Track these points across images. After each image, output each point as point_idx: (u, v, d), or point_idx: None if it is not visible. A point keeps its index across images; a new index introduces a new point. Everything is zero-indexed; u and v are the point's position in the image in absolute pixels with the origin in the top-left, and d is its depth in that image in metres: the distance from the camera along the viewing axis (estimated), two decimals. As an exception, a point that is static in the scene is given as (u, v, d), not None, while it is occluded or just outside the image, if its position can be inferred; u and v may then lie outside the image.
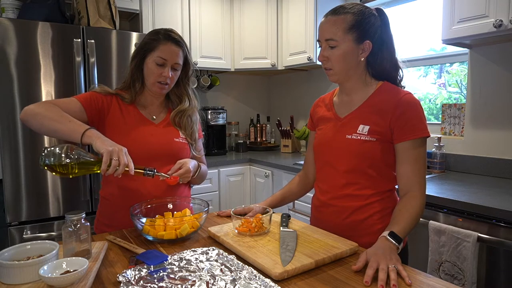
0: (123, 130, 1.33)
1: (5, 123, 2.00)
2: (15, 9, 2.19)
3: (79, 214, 0.96)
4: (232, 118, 3.60)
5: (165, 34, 1.34)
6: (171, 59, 1.33)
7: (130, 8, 2.70)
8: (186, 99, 1.45)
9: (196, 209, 1.30)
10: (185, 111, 1.44)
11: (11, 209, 2.02)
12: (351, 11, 1.13)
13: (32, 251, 0.92)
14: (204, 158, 1.58)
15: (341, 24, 1.12)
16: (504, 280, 1.43)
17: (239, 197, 3.00)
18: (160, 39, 1.33)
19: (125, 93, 1.39)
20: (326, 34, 1.14)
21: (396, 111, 1.11)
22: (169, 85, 1.37)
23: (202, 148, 1.57)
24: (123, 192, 1.32)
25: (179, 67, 1.37)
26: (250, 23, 3.17)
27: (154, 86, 1.35)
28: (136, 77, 1.37)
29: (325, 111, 1.30)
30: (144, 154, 1.32)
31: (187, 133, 1.44)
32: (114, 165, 1.05)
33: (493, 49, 2.02)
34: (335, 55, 1.14)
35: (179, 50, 1.35)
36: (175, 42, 1.34)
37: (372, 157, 1.13)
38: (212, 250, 0.98)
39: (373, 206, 1.16)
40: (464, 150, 2.18)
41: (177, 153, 1.39)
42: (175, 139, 1.41)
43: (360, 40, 1.13)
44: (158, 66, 1.32)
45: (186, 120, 1.45)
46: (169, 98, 1.48)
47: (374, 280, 0.84)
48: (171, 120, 1.43)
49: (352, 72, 1.17)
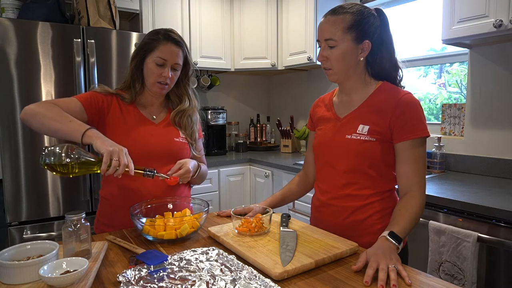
0: (123, 130, 1.33)
1: (5, 123, 2.00)
2: (15, 9, 2.19)
3: (79, 214, 0.96)
4: (232, 118, 3.60)
5: (165, 34, 1.34)
6: (171, 59, 1.33)
7: (130, 8, 2.70)
8: (186, 99, 1.45)
9: (196, 209, 1.30)
10: (185, 111, 1.44)
11: (11, 209, 2.02)
12: (350, 11, 1.13)
13: (32, 251, 0.92)
14: (204, 158, 1.58)
15: (340, 24, 1.12)
16: (504, 280, 1.43)
17: (239, 197, 3.00)
18: (160, 39, 1.32)
19: (125, 93, 1.39)
20: (326, 34, 1.14)
21: (396, 111, 1.11)
22: (169, 85, 1.37)
23: (202, 148, 1.58)
24: (123, 192, 1.32)
25: (179, 67, 1.37)
26: (250, 23, 3.17)
27: (154, 86, 1.35)
28: (136, 77, 1.38)
29: (324, 111, 1.30)
30: (144, 153, 1.32)
31: (187, 133, 1.44)
32: (114, 165, 1.05)
33: (493, 49, 2.02)
34: (334, 54, 1.14)
35: (179, 50, 1.35)
36: (175, 42, 1.34)
37: (372, 157, 1.13)
38: (212, 250, 0.98)
39: (373, 206, 1.16)
40: (464, 150, 2.18)
41: (177, 153, 1.39)
42: (175, 139, 1.41)
43: (359, 40, 1.13)
44: (158, 66, 1.32)
45: (186, 120, 1.45)
46: (169, 98, 1.48)
47: (374, 280, 0.84)
48: (171, 120, 1.43)
49: (351, 72, 1.17)
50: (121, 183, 1.31)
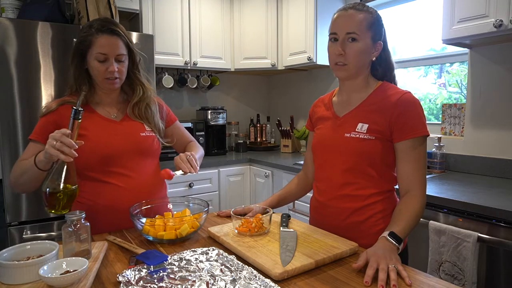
0: (84, 136, 1.22)
1: (5, 123, 1.99)
2: (15, 9, 2.19)
3: (79, 214, 0.97)
4: (232, 118, 3.60)
5: (98, 26, 1.24)
6: (112, 52, 1.24)
7: (130, 8, 2.70)
8: (139, 89, 1.37)
9: (196, 209, 1.30)
10: (140, 101, 1.37)
11: (11, 209, 2.02)
12: (369, 10, 1.15)
13: (32, 251, 0.92)
14: (190, 136, 1.59)
15: (364, 20, 1.13)
16: (504, 280, 1.43)
17: (239, 197, 3.00)
18: (94, 33, 1.23)
19: (73, 98, 1.29)
20: (349, 27, 1.12)
21: (395, 110, 1.11)
22: (119, 78, 1.29)
23: (182, 126, 1.57)
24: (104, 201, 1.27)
25: (124, 57, 1.29)
26: (250, 23, 3.17)
27: (104, 83, 1.28)
28: (81, 79, 1.30)
29: (324, 111, 1.30)
30: (111, 155, 1.27)
31: (152, 124, 1.39)
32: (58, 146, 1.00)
33: (493, 49, 2.02)
34: (354, 49, 1.12)
35: (117, 40, 1.25)
36: (110, 32, 1.24)
37: (371, 155, 1.13)
38: (212, 250, 0.98)
39: (372, 207, 1.16)
40: (464, 150, 2.18)
41: (145, 148, 1.35)
42: (141, 133, 1.35)
43: (375, 39, 1.15)
44: (100, 62, 1.24)
45: (145, 111, 1.38)
46: (124, 92, 1.41)
47: (374, 280, 0.84)
48: (129, 115, 1.36)
49: (361, 70, 1.18)
50: (99, 191, 1.27)
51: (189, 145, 1.55)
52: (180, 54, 2.91)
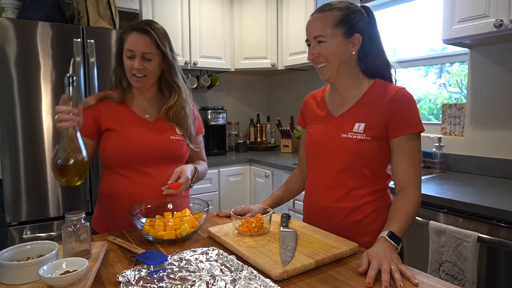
0: (116, 133, 1.30)
1: (5, 123, 1.99)
2: (14, 9, 2.19)
3: (79, 214, 0.96)
4: (232, 118, 3.60)
5: (134, 24, 1.29)
6: (138, 49, 1.27)
7: (130, 8, 2.70)
8: (175, 92, 1.39)
9: (196, 209, 1.30)
10: (175, 105, 1.37)
11: (11, 209, 2.02)
12: (337, 6, 1.14)
13: (32, 251, 0.92)
14: (204, 154, 1.56)
15: (329, 20, 1.13)
16: (504, 280, 1.43)
17: (239, 197, 3.00)
18: (128, 30, 1.29)
19: (114, 93, 1.36)
20: (315, 31, 1.15)
21: (391, 107, 1.11)
22: (147, 77, 1.31)
23: (202, 142, 1.53)
24: (120, 197, 1.30)
25: (152, 56, 1.29)
26: (250, 23, 3.16)
27: (132, 80, 1.31)
28: (121, 75, 1.35)
29: (316, 109, 1.29)
30: (140, 155, 1.30)
31: (183, 128, 1.39)
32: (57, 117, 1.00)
33: (493, 49, 2.02)
34: (324, 49, 1.14)
35: (145, 38, 1.27)
36: (140, 30, 1.27)
37: (367, 155, 1.13)
38: (212, 250, 0.98)
39: (367, 207, 1.15)
40: (464, 150, 2.18)
41: (174, 152, 1.36)
42: (171, 137, 1.37)
43: (348, 34, 1.13)
44: (128, 58, 1.28)
45: (179, 114, 1.38)
46: (163, 94, 1.43)
47: (375, 281, 0.84)
48: (163, 117, 1.38)
49: (344, 67, 1.16)
50: (120, 185, 1.30)
51: (197, 162, 1.51)
52: (180, 54, 2.91)
